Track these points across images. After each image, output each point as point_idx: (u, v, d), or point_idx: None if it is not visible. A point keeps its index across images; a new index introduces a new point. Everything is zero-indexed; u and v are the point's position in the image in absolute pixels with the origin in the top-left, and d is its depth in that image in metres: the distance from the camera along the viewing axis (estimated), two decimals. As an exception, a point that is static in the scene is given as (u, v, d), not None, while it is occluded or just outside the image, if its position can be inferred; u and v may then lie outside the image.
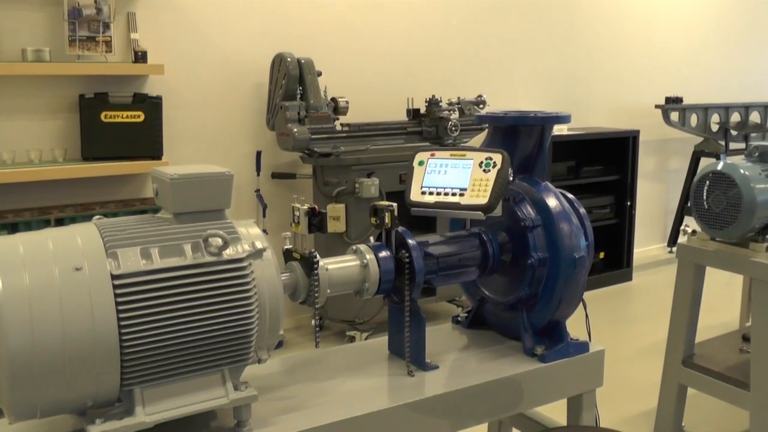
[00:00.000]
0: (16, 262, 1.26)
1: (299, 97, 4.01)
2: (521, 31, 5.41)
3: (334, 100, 4.15)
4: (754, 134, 6.01)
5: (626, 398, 3.45)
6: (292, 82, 4.00)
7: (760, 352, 2.49)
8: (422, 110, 4.47)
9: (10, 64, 3.44)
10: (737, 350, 2.87)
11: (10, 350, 1.21)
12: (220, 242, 1.40)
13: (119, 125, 3.67)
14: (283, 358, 1.83)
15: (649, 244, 6.40)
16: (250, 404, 1.43)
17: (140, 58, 3.73)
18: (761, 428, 2.50)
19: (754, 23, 6.96)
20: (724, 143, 5.88)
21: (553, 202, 1.82)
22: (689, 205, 2.61)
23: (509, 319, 1.91)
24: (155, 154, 3.75)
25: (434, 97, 4.44)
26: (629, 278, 5.60)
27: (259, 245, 1.45)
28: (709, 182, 2.52)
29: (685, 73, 6.42)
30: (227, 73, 4.20)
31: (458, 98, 4.60)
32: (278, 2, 4.33)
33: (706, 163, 3.95)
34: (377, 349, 1.88)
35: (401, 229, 1.73)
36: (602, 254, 5.51)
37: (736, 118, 6.07)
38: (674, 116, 5.69)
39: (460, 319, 2.06)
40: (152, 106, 3.74)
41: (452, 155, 1.77)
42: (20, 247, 1.29)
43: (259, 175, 4.27)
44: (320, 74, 4.12)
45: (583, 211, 1.90)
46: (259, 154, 4.26)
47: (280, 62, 4.06)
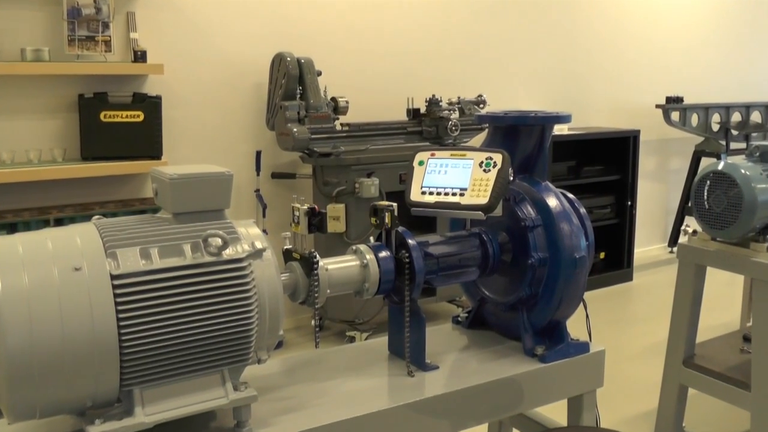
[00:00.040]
0: (15, 262, 1.26)
1: (299, 96, 4.00)
2: (521, 30, 5.40)
3: (333, 99, 4.14)
4: (755, 134, 6.01)
5: (627, 399, 3.45)
6: (291, 81, 4.00)
7: (760, 352, 2.49)
8: (422, 110, 4.46)
9: (9, 63, 3.44)
10: (738, 350, 2.86)
11: (9, 350, 1.21)
12: (219, 242, 1.40)
13: (118, 125, 3.66)
14: (282, 358, 1.83)
15: (649, 244, 6.39)
16: (249, 405, 1.43)
17: (140, 57, 3.73)
18: (762, 429, 2.50)
19: (754, 23, 6.96)
20: (724, 143, 5.87)
21: (553, 202, 1.82)
22: (690, 205, 2.60)
23: (509, 319, 1.90)
24: (155, 154, 3.75)
25: (434, 96, 4.44)
26: (630, 278, 5.59)
27: (258, 245, 1.45)
28: (709, 182, 2.51)
29: (685, 72, 6.42)
30: (227, 72, 4.20)
31: (458, 98, 4.59)
32: (278, 2, 4.32)
33: (706, 162, 3.95)
34: (377, 349, 1.88)
35: (401, 229, 1.73)
36: (603, 254, 5.51)
37: (737, 117, 6.06)
38: (675, 116, 5.69)
39: (460, 319, 2.06)
40: (152, 105, 3.74)
41: (452, 155, 1.76)
42: (19, 247, 1.29)
43: (258, 175, 4.27)
44: (320, 74, 4.11)
45: (583, 211, 1.90)
46: (258, 153, 4.26)
47: (279, 62, 4.06)
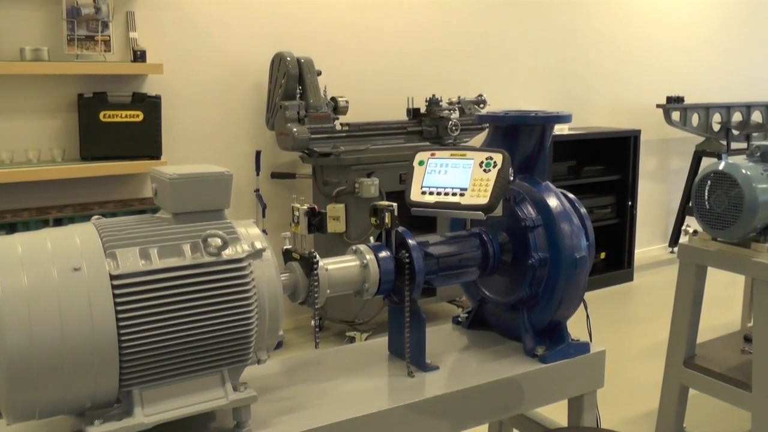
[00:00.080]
0: (14, 262, 1.26)
1: (299, 96, 4.00)
2: (522, 30, 5.40)
3: (333, 99, 4.14)
4: (755, 134, 6.00)
5: (627, 399, 3.44)
6: (291, 81, 3.99)
7: (761, 352, 2.48)
8: (422, 110, 4.46)
9: (8, 63, 3.44)
10: (739, 351, 2.86)
11: (8, 351, 1.20)
12: (219, 242, 1.39)
13: (118, 125, 3.66)
14: (282, 358, 1.83)
15: (650, 244, 6.39)
16: (249, 405, 1.43)
17: (139, 57, 3.72)
18: (763, 429, 2.50)
19: (755, 22, 6.95)
20: (725, 143, 5.86)
21: (553, 202, 1.82)
22: (690, 205, 2.60)
23: (510, 319, 1.90)
24: (154, 153, 3.75)
25: (434, 96, 4.43)
26: (630, 279, 5.59)
27: (258, 245, 1.45)
28: (710, 182, 2.51)
29: (686, 72, 6.42)
30: (226, 72, 4.19)
31: (458, 98, 4.59)
32: (278, 1, 4.32)
33: (707, 162, 3.94)
34: (377, 349, 1.88)
35: (401, 229, 1.72)
36: (603, 254, 5.50)
37: (737, 117, 6.06)
38: (675, 116, 5.68)
39: (460, 319, 2.06)
40: (151, 105, 3.74)
41: (452, 155, 1.76)
42: (18, 247, 1.29)
43: (258, 174, 4.26)
44: (320, 73, 4.11)
45: (584, 211, 1.90)
46: (258, 153, 4.25)
47: (279, 61, 4.05)
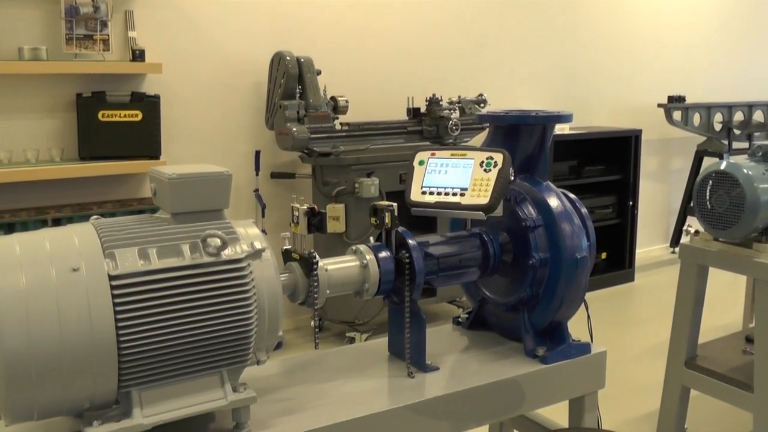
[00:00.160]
0: (12, 262, 1.26)
1: (298, 96, 3.99)
2: (522, 29, 5.39)
3: (333, 99, 4.13)
4: (757, 133, 5.99)
5: (628, 400, 3.44)
6: (291, 81, 3.99)
7: (763, 353, 2.48)
8: (422, 109, 4.46)
9: (6, 62, 3.43)
10: (740, 352, 2.85)
11: (6, 351, 1.20)
12: (218, 242, 1.39)
13: (117, 124, 3.65)
14: (282, 359, 1.83)
15: (651, 244, 6.38)
16: (248, 406, 1.43)
17: (138, 56, 3.72)
18: (765, 430, 2.49)
19: (757, 21, 6.95)
20: (727, 142, 5.86)
21: (554, 202, 1.81)
22: (692, 205, 2.59)
23: (510, 320, 1.90)
24: (153, 153, 3.74)
25: (435, 96, 4.43)
26: (631, 279, 5.58)
27: (258, 245, 1.44)
28: (712, 182, 2.50)
29: (687, 71, 6.41)
30: (226, 71, 4.19)
31: (459, 97, 4.59)
32: (277, 1, 4.32)
33: (709, 162, 3.94)
34: (377, 350, 1.88)
35: (401, 229, 1.72)
36: (604, 255, 5.49)
37: (739, 117, 6.05)
38: (677, 115, 5.68)
39: (460, 320, 2.05)
40: (150, 105, 3.73)
41: (453, 155, 1.76)
42: (17, 247, 1.29)
43: (257, 174, 4.26)
44: (320, 73, 4.10)
45: (584, 211, 1.89)
46: (258, 153, 4.25)
47: (279, 61, 4.05)
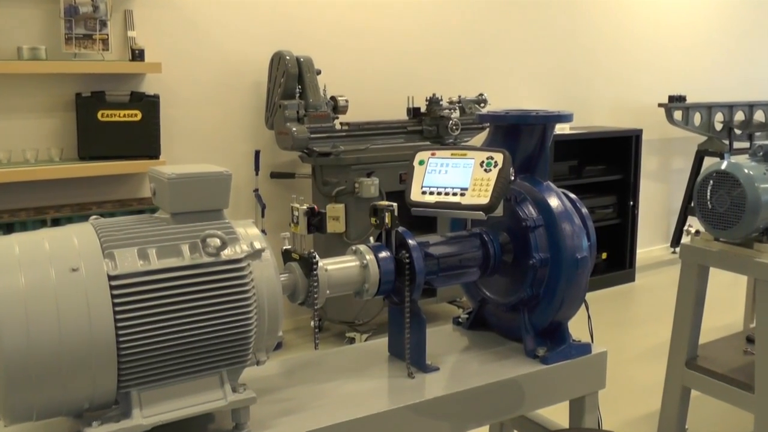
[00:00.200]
0: (11, 262, 1.26)
1: (298, 95, 3.99)
2: (523, 29, 5.39)
3: (333, 98, 4.13)
4: (758, 133, 5.98)
5: (629, 400, 3.43)
6: (291, 80, 3.98)
7: (764, 353, 2.47)
8: (423, 109, 4.45)
9: (5, 62, 3.43)
10: (741, 352, 2.85)
11: (5, 352, 1.20)
12: (218, 242, 1.39)
13: (116, 124, 3.65)
14: (282, 359, 1.82)
15: (652, 244, 6.38)
16: (248, 406, 1.42)
17: (137, 56, 3.72)
18: (765, 431, 2.48)
19: (758, 21, 6.94)
20: (727, 142, 5.85)
21: (555, 202, 1.81)
22: (693, 205, 2.59)
23: (510, 320, 1.90)
24: (152, 153, 3.74)
25: (435, 95, 4.42)
26: (632, 279, 5.57)
27: (257, 246, 1.44)
28: (712, 182, 2.50)
29: (688, 71, 6.40)
30: (225, 71, 4.18)
31: (459, 97, 4.58)
32: (277, 0, 4.31)
33: (709, 162, 3.94)
34: (377, 350, 1.87)
35: (401, 229, 1.72)
36: (605, 255, 5.49)
37: (740, 116, 6.05)
38: (677, 115, 5.67)
39: (460, 320, 2.05)
40: (149, 104, 3.73)
41: (453, 154, 1.76)
42: (16, 247, 1.29)
43: (257, 174, 4.25)
44: (319, 73, 4.10)
45: (585, 211, 1.89)
46: (257, 153, 4.24)
47: (279, 60, 4.04)
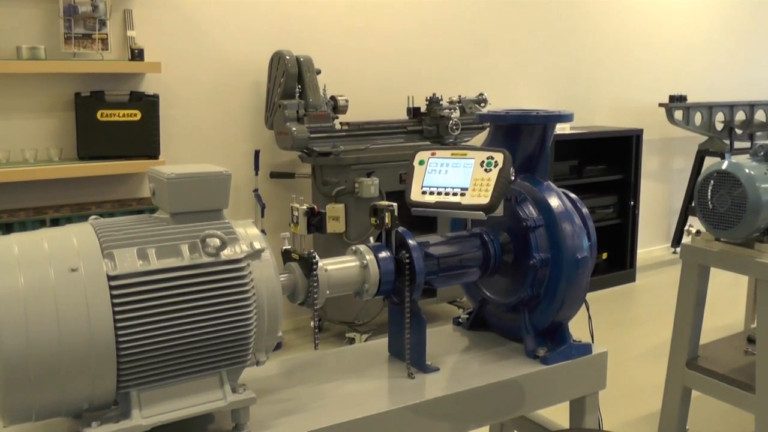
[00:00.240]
0: (10, 262, 1.26)
1: (298, 95, 3.98)
2: (523, 28, 5.39)
3: (333, 98, 4.13)
4: (759, 133, 5.98)
5: (629, 401, 3.43)
6: (290, 80, 3.98)
7: (765, 354, 2.47)
8: (423, 109, 4.45)
9: (4, 61, 3.42)
10: (742, 352, 2.85)
11: (4, 352, 1.20)
12: (217, 243, 1.39)
13: (116, 124, 3.65)
14: (281, 360, 1.82)
15: (652, 244, 6.37)
16: (248, 407, 1.42)
17: (137, 55, 3.71)
18: (766, 431, 2.48)
19: (758, 20, 6.93)
20: (728, 142, 5.85)
21: (555, 201, 1.81)
22: (693, 205, 2.58)
23: (511, 320, 1.89)
24: (152, 153, 3.73)
25: (435, 95, 4.42)
26: (632, 279, 5.57)
27: (257, 246, 1.44)
28: (713, 182, 2.49)
29: (689, 71, 6.40)
30: (225, 71, 4.18)
31: (459, 97, 4.58)
32: (277, 0, 4.30)
33: (710, 162, 3.93)
34: (377, 350, 1.87)
35: (401, 229, 1.71)
36: (605, 255, 5.49)
37: (741, 116, 6.04)
38: (678, 115, 5.67)
39: (461, 320, 2.05)
40: (149, 104, 3.72)
41: (453, 154, 1.75)
42: (15, 247, 1.29)
43: (257, 174, 4.25)
44: (319, 72, 4.10)
45: (585, 211, 1.89)
46: (257, 153, 4.24)
47: (278, 60, 4.04)
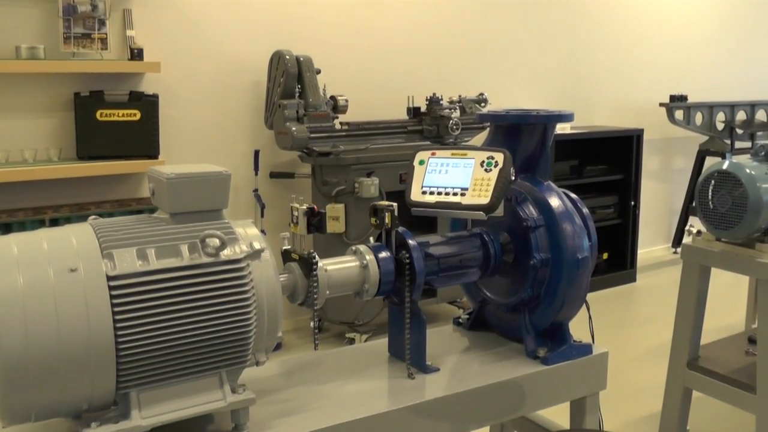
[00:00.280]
0: (9, 263, 1.26)
1: (298, 95, 3.98)
2: (523, 28, 5.38)
3: (333, 98, 4.12)
4: (760, 133, 5.97)
5: (630, 401, 3.43)
6: (290, 80, 3.97)
7: (766, 354, 2.47)
8: (423, 109, 4.45)
9: (3, 61, 3.42)
10: (743, 353, 2.84)
11: (4, 352, 1.20)
12: (217, 243, 1.39)
13: (115, 124, 3.64)
14: (281, 360, 1.82)
15: (653, 244, 6.37)
16: (247, 407, 1.42)
17: (136, 55, 3.71)
18: None
19: (759, 20, 6.93)
20: (729, 142, 5.84)
21: (555, 201, 1.81)
22: (694, 205, 2.58)
23: (511, 320, 1.89)
24: (151, 153, 3.73)
25: (435, 95, 4.42)
26: (633, 279, 5.57)
27: (257, 246, 1.44)
28: (714, 182, 2.49)
29: (689, 70, 6.39)
30: (225, 70, 4.17)
31: (459, 96, 4.58)
32: None
33: (711, 162, 3.93)
34: (377, 351, 1.87)
35: (401, 229, 1.71)
36: (606, 255, 5.48)
37: (741, 116, 6.04)
38: (679, 115, 5.67)
39: (461, 320, 2.05)
40: (148, 104, 3.72)
41: (453, 154, 1.75)
42: (14, 247, 1.29)
43: (257, 174, 4.25)
44: (319, 72, 4.09)
45: (586, 211, 1.89)
46: (257, 153, 4.24)
47: (278, 60, 4.03)
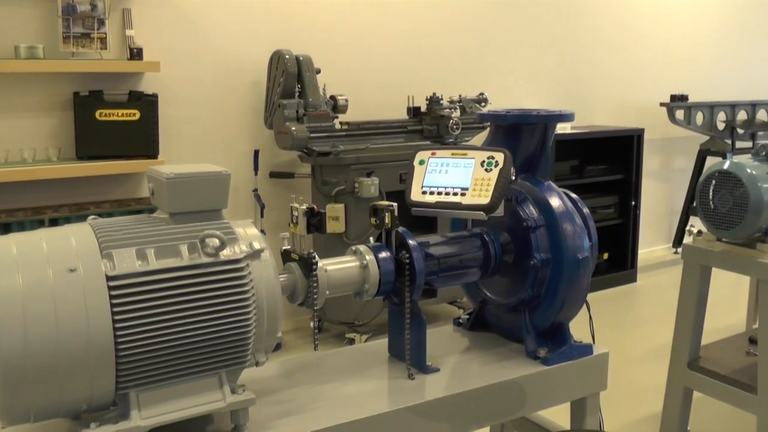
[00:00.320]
0: (9, 263, 1.26)
1: (297, 95, 3.98)
2: (524, 27, 5.38)
3: (333, 98, 4.12)
4: (761, 132, 5.96)
5: (631, 402, 3.42)
6: (290, 79, 3.97)
7: (767, 354, 2.46)
8: (423, 108, 4.45)
9: (3, 61, 3.42)
10: (744, 353, 2.84)
11: (3, 353, 1.20)
12: (217, 243, 1.39)
13: (114, 124, 3.64)
14: (281, 360, 1.82)
15: (654, 244, 6.37)
16: (247, 408, 1.42)
17: (136, 55, 3.71)
18: (767, 432, 2.48)
19: (760, 20, 6.92)
20: (730, 142, 5.84)
21: (556, 201, 1.81)
22: (695, 205, 2.58)
23: (511, 321, 1.89)
24: (151, 153, 3.73)
25: (435, 95, 4.41)
26: (634, 279, 5.56)
27: (256, 246, 1.44)
28: (715, 182, 2.49)
29: (690, 70, 6.39)
30: (224, 70, 4.17)
31: (459, 96, 4.57)
32: (277, -1, 4.31)
33: (712, 162, 3.92)
34: (377, 351, 1.87)
35: (401, 229, 1.71)
36: (606, 255, 5.48)
37: (742, 116, 6.04)
38: (679, 114, 5.66)
39: (461, 321, 2.04)
40: (148, 104, 3.72)
41: (453, 154, 1.75)
42: (13, 247, 1.29)
43: (256, 174, 4.25)
44: (319, 72, 4.09)
45: (586, 211, 1.89)
46: (256, 153, 4.24)
47: (278, 59, 4.03)
